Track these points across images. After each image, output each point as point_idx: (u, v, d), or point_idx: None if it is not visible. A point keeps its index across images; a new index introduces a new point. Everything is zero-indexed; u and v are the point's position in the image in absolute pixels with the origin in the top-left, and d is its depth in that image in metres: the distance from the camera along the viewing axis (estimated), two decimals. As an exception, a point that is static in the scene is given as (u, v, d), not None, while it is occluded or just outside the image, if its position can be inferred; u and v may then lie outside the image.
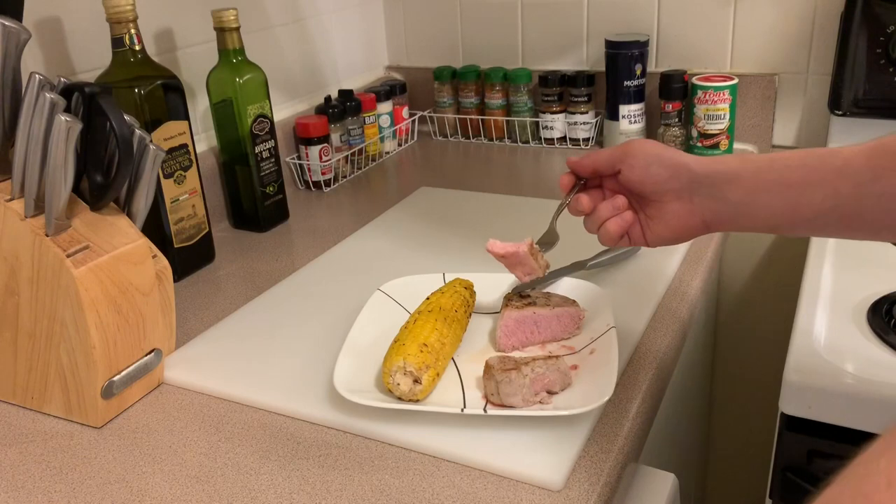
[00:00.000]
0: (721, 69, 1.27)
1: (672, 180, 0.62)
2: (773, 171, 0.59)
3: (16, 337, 0.69)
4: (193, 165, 0.94)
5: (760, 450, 1.45)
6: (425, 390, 0.64)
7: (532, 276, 0.70)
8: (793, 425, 0.76)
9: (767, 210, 0.60)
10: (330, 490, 0.59)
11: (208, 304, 0.89)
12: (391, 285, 0.81)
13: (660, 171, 0.63)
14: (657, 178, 0.63)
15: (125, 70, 0.87)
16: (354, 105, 1.27)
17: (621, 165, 0.64)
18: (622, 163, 0.64)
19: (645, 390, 0.68)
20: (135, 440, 0.66)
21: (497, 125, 1.40)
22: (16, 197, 0.66)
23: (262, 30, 1.21)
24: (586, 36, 1.35)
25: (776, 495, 0.80)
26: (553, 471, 0.57)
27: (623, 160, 0.64)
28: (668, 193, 0.63)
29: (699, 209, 0.62)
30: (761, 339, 1.37)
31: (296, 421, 0.67)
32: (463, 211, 1.08)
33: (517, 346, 0.73)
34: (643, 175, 0.63)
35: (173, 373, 0.74)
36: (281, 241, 1.05)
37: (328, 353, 0.74)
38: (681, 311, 0.80)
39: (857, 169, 0.55)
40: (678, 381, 1.03)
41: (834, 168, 0.56)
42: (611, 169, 0.65)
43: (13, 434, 0.68)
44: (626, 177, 0.64)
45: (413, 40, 1.51)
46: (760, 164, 0.60)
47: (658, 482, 0.72)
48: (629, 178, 0.64)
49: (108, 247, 0.67)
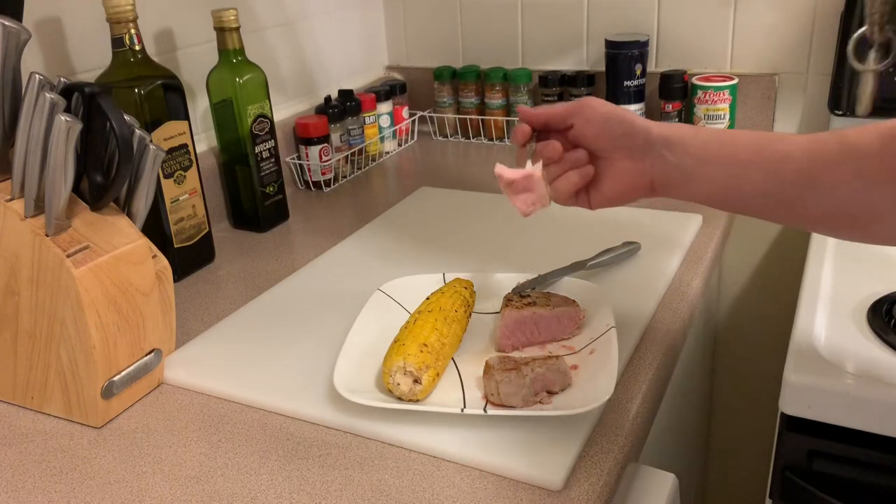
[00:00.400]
0: (721, 69, 1.27)
1: (627, 137, 0.63)
2: (722, 146, 0.60)
3: (16, 337, 0.69)
4: (193, 165, 0.94)
5: (760, 450, 1.45)
6: (425, 390, 0.64)
7: (537, 207, 0.67)
8: (793, 425, 0.76)
9: (710, 181, 0.61)
10: (330, 490, 0.59)
11: (208, 304, 0.89)
12: (391, 285, 0.81)
13: (616, 127, 0.63)
14: (613, 133, 0.63)
15: (125, 70, 0.87)
16: (354, 105, 1.27)
17: (575, 120, 0.64)
18: (577, 117, 0.64)
19: (645, 390, 0.68)
20: (135, 440, 0.66)
21: (497, 125, 1.41)
22: (16, 197, 0.66)
23: (262, 30, 1.21)
24: (586, 36, 1.35)
25: (776, 495, 0.80)
26: (553, 471, 0.57)
27: (578, 115, 0.64)
28: (621, 150, 0.63)
29: (649, 169, 0.63)
30: (761, 339, 1.37)
31: (296, 421, 0.67)
32: (463, 211, 1.08)
33: (517, 346, 0.73)
34: (599, 130, 0.63)
35: (173, 373, 0.74)
36: (281, 241, 1.05)
37: (328, 353, 0.74)
38: (681, 311, 0.80)
39: (798, 157, 0.57)
40: (678, 381, 1.03)
41: (778, 152, 0.58)
42: (562, 123, 0.65)
43: (13, 434, 0.68)
44: (580, 132, 0.63)
45: (413, 40, 1.51)
46: (711, 136, 0.61)
47: (658, 482, 0.72)
48: (583, 134, 0.63)
49: (108, 247, 0.67)
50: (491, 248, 0.95)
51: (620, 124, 0.63)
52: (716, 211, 1.01)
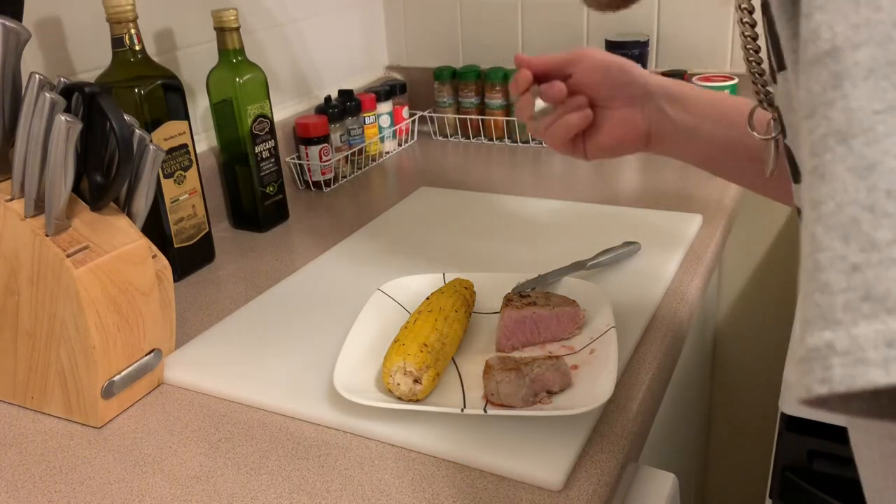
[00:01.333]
0: (721, 69, 1.27)
1: (628, 86, 0.63)
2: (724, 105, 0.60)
3: (16, 337, 0.69)
4: (193, 165, 0.94)
5: (760, 450, 1.45)
6: (425, 390, 0.64)
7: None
8: (793, 425, 0.76)
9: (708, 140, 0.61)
10: (330, 490, 0.59)
11: (208, 304, 0.89)
12: (391, 285, 0.81)
13: (619, 75, 0.63)
14: (615, 81, 0.63)
15: (125, 70, 0.87)
16: (354, 105, 1.27)
17: (575, 69, 0.64)
18: (577, 66, 0.64)
19: (645, 390, 0.68)
20: (135, 440, 0.66)
21: (497, 125, 1.41)
22: (16, 197, 0.66)
23: (262, 30, 1.21)
24: (586, 36, 1.35)
25: (776, 495, 0.80)
26: (553, 471, 0.57)
27: (578, 63, 0.63)
28: (620, 99, 0.63)
29: (646, 120, 0.63)
30: (761, 340, 1.37)
31: (296, 421, 0.67)
32: (463, 211, 1.08)
33: (517, 346, 0.73)
34: (601, 78, 0.63)
35: (173, 373, 0.74)
36: (281, 241, 1.05)
37: (328, 353, 0.74)
38: (681, 311, 0.80)
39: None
40: (678, 381, 1.03)
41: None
42: (561, 71, 0.64)
43: (13, 434, 0.68)
44: (580, 80, 0.63)
45: (413, 40, 1.51)
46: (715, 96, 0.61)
47: (658, 482, 0.72)
48: (583, 81, 0.63)
49: (108, 247, 0.67)
50: (491, 248, 0.95)
51: (621, 72, 0.63)
52: (716, 211, 1.01)
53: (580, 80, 0.64)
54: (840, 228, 0.22)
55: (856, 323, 0.21)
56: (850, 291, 0.21)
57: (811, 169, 0.24)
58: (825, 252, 0.22)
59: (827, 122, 0.23)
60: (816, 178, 0.23)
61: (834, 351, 0.21)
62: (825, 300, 0.22)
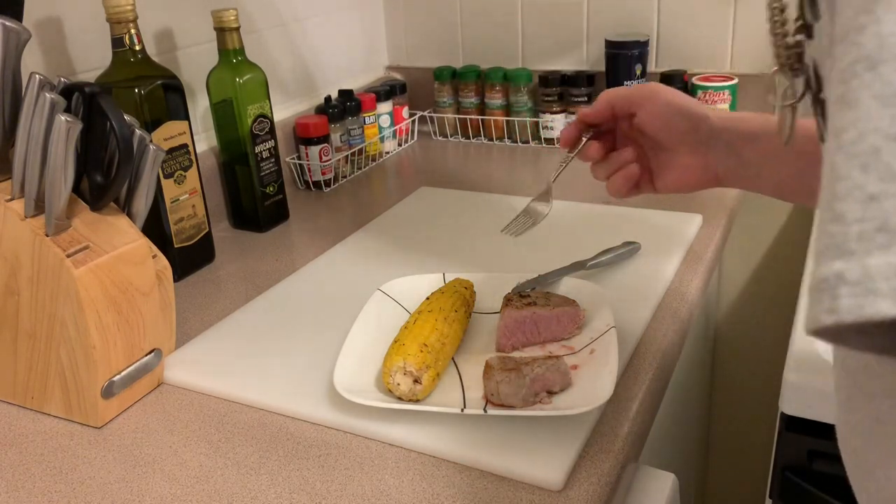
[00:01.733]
0: (721, 69, 1.27)
1: (691, 133, 0.61)
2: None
3: (16, 337, 0.69)
4: (193, 165, 0.94)
5: (760, 450, 1.45)
6: (425, 390, 0.64)
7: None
8: (793, 425, 0.76)
9: (777, 175, 0.59)
10: (330, 490, 0.59)
11: (208, 304, 0.89)
12: (391, 285, 0.81)
13: (681, 123, 0.61)
14: (677, 129, 0.62)
15: (125, 70, 0.87)
16: (354, 105, 1.27)
17: (639, 109, 0.63)
18: (640, 107, 0.62)
19: (645, 390, 0.68)
20: (135, 440, 0.66)
21: (497, 125, 1.41)
22: (16, 197, 0.66)
23: (262, 30, 1.21)
24: (586, 36, 1.35)
25: (776, 495, 0.80)
26: (553, 471, 0.57)
27: (642, 104, 0.62)
28: (685, 146, 0.62)
29: (713, 164, 0.62)
30: (761, 339, 1.37)
31: (296, 421, 0.67)
32: (463, 211, 1.08)
33: (517, 346, 0.73)
34: (663, 124, 0.62)
35: (173, 373, 0.74)
36: (281, 241, 1.05)
37: (328, 353, 0.74)
38: (681, 311, 0.80)
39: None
40: (678, 381, 1.03)
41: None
42: (626, 109, 0.63)
43: (13, 434, 0.68)
44: (643, 121, 0.62)
45: (413, 40, 1.51)
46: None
47: (658, 482, 0.72)
48: (646, 123, 0.62)
49: (108, 247, 0.67)
50: (491, 248, 0.95)
51: (686, 119, 0.62)
52: (716, 211, 1.01)
53: (644, 122, 0.63)
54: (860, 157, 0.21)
55: (869, 253, 0.20)
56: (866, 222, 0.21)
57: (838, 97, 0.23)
58: (843, 181, 0.22)
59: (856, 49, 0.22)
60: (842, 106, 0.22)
61: (844, 281, 0.21)
62: (839, 230, 0.21)
